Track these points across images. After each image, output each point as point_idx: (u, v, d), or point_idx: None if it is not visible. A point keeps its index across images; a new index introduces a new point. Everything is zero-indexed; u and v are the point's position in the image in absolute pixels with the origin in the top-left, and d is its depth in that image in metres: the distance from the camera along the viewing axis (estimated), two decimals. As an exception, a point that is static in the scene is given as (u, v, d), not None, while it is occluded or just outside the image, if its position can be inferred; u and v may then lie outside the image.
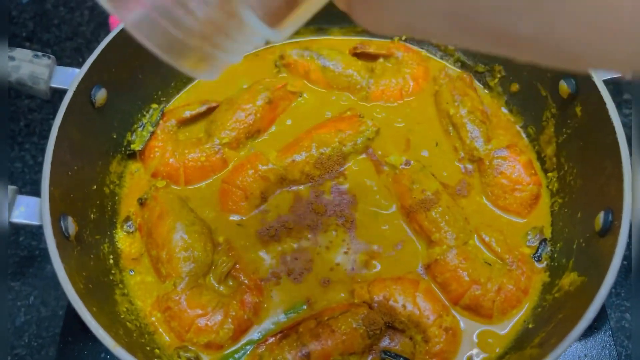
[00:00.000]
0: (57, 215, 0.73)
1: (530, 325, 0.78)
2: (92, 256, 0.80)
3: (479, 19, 0.26)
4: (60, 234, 0.72)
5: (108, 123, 0.89)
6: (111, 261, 0.84)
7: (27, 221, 0.72)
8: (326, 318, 0.76)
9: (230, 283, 0.82)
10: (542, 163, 0.92)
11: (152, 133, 0.92)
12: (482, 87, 1.01)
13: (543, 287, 0.81)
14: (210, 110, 0.96)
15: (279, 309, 0.80)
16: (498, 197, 0.88)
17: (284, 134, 0.95)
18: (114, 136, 0.91)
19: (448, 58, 1.03)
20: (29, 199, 0.73)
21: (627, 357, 0.89)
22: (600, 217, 0.74)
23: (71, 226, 0.75)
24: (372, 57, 1.02)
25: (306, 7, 0.34)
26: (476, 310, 0.79)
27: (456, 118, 0.92)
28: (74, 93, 0.79)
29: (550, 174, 0.90)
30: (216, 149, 0.91)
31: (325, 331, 0.74)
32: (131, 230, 0.87)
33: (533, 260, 0.84)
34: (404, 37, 1.04)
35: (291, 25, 0.34)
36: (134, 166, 0.93)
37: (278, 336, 0.76)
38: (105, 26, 1.22)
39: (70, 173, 0.79)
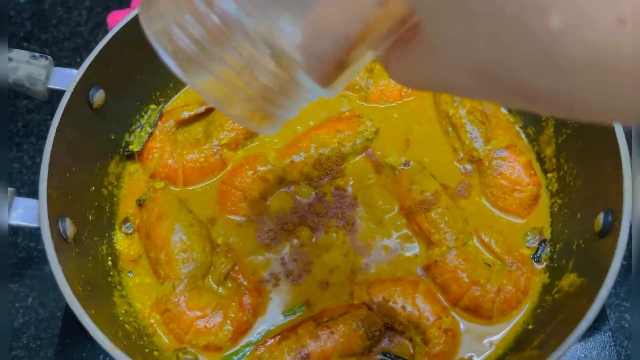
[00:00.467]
0: (55, 217, 0.73)
1: (529, 326, 0.78)
2: (91, 258, 0.80)
3: (503, 78, 0.30)
4: (58, 236, 0.72)
5: (106, 124, 0.88)
6: (110, 263, 0.84)
7: (25, 223, 0.71)
8: (325, 319, 0.76)
9: (229, 284, 0.82)
10: (542, 164, 0.91)
11: (151, 134, 0.92)
12: (482, 87, 1.00)
13: (543, 288, 0.81)
14: (208, 110, 0.95)
15: (278, 311, 0.80)
16: (497, 198, 0.87)
17: (283, 135, 0.94)
18: (112, 137, 0.90)
19: (447, 58, 1.03)
20: (27, 201, 0.72)
21: (627, 358, 0.89)
22: (599, 218, 0.74)
23: (69, 228, 0.75)
24: (371, 58, 1.02)
25: (354, 68, 0.38)
26: (476, 311, 0.79)
27: (455, 118, 0.92)
28: (72, 94, 0.78)
29: (549, 175, 0.89)
30: (215, 150, 0.91)
31: (324, 333, 0.74)
32: (130, 231, 0.87)
33: (533, 261, 0.84)
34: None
35: (341, 84, 0.39)
36: (133, 167, 0.93)
37: (277, 338, 0.76)
38: (103, 26, 1.21)
39: (68, 174, 0.79)
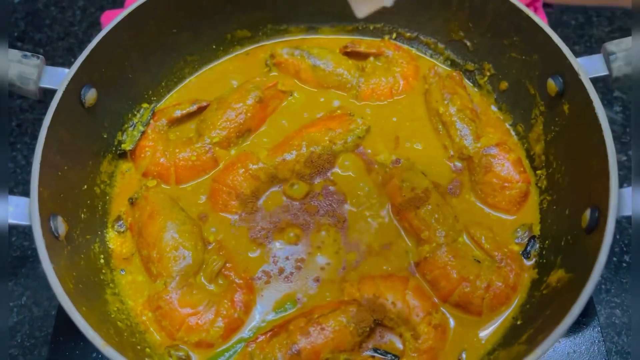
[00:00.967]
0: (47, 215, 0.73)
1: (518, 321, 0.79)
2: (83, 256, 0.80)
3: None
4: (49, 234, 0.72)
5: (98, 123, 0.89)
6: (102, 261, 0.84)
7: (17, 221, 0.72)
8: (316, 316, 0.77)
9: (220, 282, 0.82)
10: (531, 161, 0.92)
11: (143, 132, 0.92)
12: (472, 85, 1.01)
13: (532, 284, 0.82)
14: (200, 109, 0.96)
15: (270, 308, 0.81)
16: (487, 195, 0.88)
17: (275, 133, 0.95)
18: (105, 136, 0.91)
19: (438, 56, 1.04)
20: (19, 199, 0.73)
21: (617, 353, 0.89)
22: (586, 215, 0.74)
23: (61, 226, 0.76)
24: (363, 56, 1.02)
25: None
26: (465, 307, 0.79)
27: (446, 116, 0.93)
28: (64, 93, 0.79)
29: (539, 172, 0.90)
30: (207, 148, 0.91)
31: (315, 329, 0.75)
32: (122, 229, 0.87)
33: (522, 257, 0.84)
34: (394, 36, 1.04)
35: None
36: (125, 166, 0.93)
37: (268, 334, 0.77)
38: (97, 26, 1.22)
39: (60, 173, 0.79)
